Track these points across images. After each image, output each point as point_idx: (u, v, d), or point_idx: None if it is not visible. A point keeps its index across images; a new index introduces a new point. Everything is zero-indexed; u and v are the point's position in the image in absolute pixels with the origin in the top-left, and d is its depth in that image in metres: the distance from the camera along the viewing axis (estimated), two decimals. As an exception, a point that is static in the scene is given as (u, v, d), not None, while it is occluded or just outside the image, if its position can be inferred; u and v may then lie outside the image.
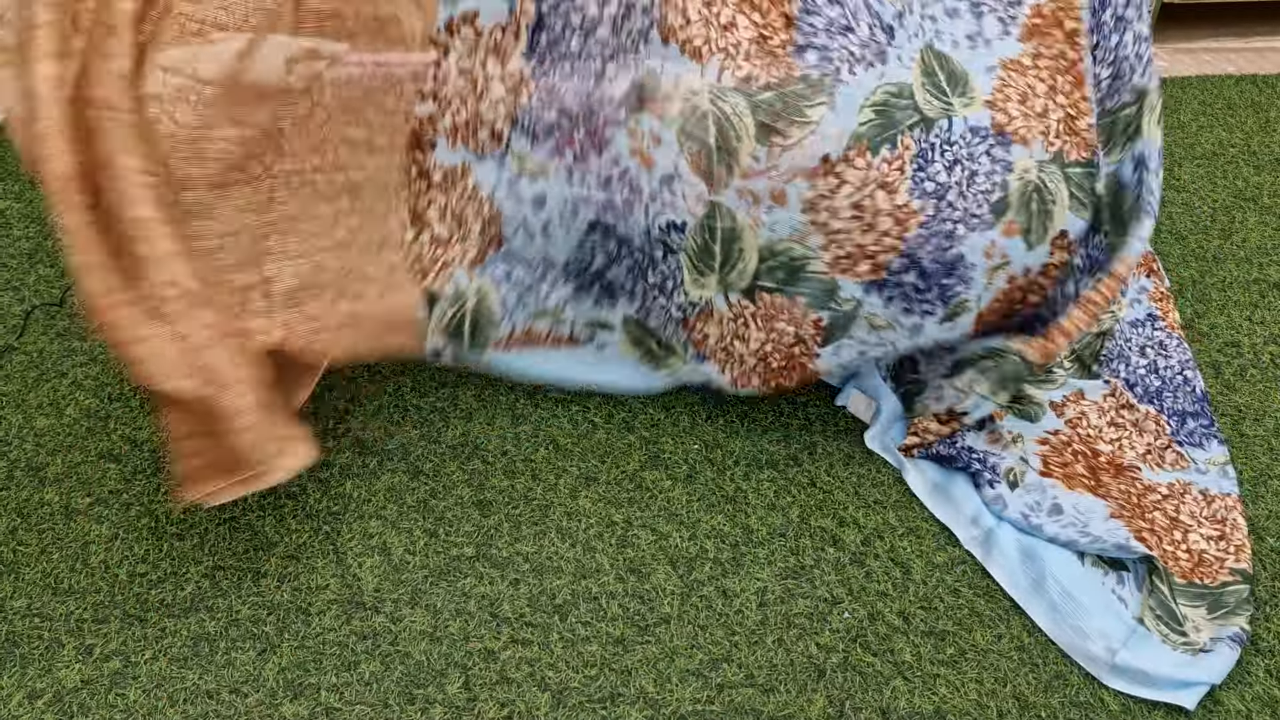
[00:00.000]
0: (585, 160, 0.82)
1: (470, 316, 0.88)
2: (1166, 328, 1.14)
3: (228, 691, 0.78)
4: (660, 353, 0.94)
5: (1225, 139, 1.69)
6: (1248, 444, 1.01)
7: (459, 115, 0.81)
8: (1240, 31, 2.27)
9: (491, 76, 0.80)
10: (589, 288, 0.91)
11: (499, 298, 0.87)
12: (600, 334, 0.93)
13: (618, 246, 0.87)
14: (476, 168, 0.83)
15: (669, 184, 0.82)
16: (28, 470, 0.99)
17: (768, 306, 0.86)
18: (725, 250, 0.83)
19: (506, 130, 0.82)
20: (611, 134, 0.81)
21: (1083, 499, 0.90)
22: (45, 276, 1.37)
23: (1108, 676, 0.78)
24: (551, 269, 0.89)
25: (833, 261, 0.83)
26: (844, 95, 0.81)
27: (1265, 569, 0.87)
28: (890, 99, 0.82)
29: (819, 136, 0.80)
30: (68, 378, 1.14)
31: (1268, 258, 1.35)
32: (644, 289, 0.90)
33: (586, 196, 0.84)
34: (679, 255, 0.85)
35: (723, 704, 0.77)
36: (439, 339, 0.88)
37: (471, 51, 0.80)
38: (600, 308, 0.92)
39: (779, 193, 0.81)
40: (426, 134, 0.81)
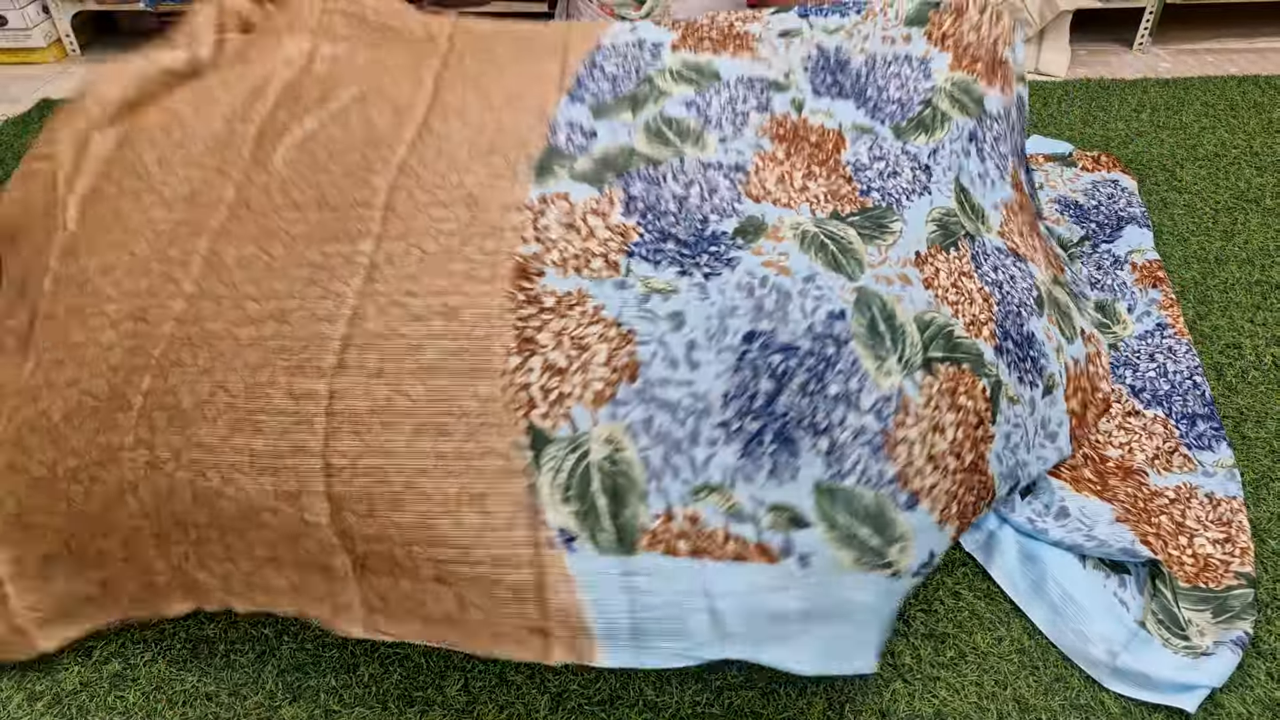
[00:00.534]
0: (719, 275, 0.77)
1: (603, 473, 0.65)
2: (1176, 334, 1.14)
3: (227, 694, 0.78)
4: (878, 544, 0.70)
5: (1228, 140, 1.69)
6: (1249, 446, 1.01)
7: (567, 250, 0.78)
8: (1243, 32, 2.26)
9: (595, 225, 0.80)
10: (760, 442, 0.70)
11: (637, 452, 0.65)
12: (795, 536, 0.67)
13: (783, 358, 0.73)
14: (595, 290, 0.74)
15: (813, 280, 0.80)
16: (28, 472, 0.99)
17: (946, 378, 0.80)
18: (889, 326, 0.79)
19: (623, 261, 0.78)
20: (735, 256, 0.79)
21: (1089, 502, 0.90)
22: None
23: (1109, 680, 0.77)
24: (706, 418, 0.69)
25: (966, 326, 0.87)
26: (910, 214, 0.94)
27: (1267, 571, 0.87)
28: (942, 217, 0.96)
29: (905, 240, 0.91)
30: (68, 379, 1.14)
31: (1270, 259, 1.34)
32: (826, 411, 0.72)
33: (733, 306, 0.75)
34: (850, 344, 0.75)
35: (722, 707, 0.77)
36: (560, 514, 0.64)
37: (569, 212, 0.81)
38: (780, 480, 0.69)
39: (901, 275, 0.85)
40: (533, 266, 0.76)
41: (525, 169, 0.85)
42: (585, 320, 0.72)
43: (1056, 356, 0.96)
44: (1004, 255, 0.99)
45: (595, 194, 0.84)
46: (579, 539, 0.64)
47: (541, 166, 0.86)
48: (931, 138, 1.03)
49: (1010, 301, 0.94)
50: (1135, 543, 0.84)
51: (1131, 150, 1.66)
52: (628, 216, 0.81)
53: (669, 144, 0.93)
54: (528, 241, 0.77)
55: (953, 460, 0.79)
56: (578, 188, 0.84)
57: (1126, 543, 0.84)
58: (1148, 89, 1.92)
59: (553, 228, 0.79)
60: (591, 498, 0.65)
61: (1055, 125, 1.77)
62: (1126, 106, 1.84)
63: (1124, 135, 1.72)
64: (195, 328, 0.73)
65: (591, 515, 0.64)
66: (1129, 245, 1.30)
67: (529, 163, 0.86)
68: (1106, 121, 1.78)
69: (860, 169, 0.97)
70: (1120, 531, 0.86)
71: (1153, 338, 1.14)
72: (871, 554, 0.69)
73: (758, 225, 0.84)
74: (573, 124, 0.93)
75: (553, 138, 0.90)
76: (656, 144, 0.93)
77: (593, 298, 0.74)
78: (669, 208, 0.84)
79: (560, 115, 0.94)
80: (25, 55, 2.15)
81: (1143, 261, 1.26)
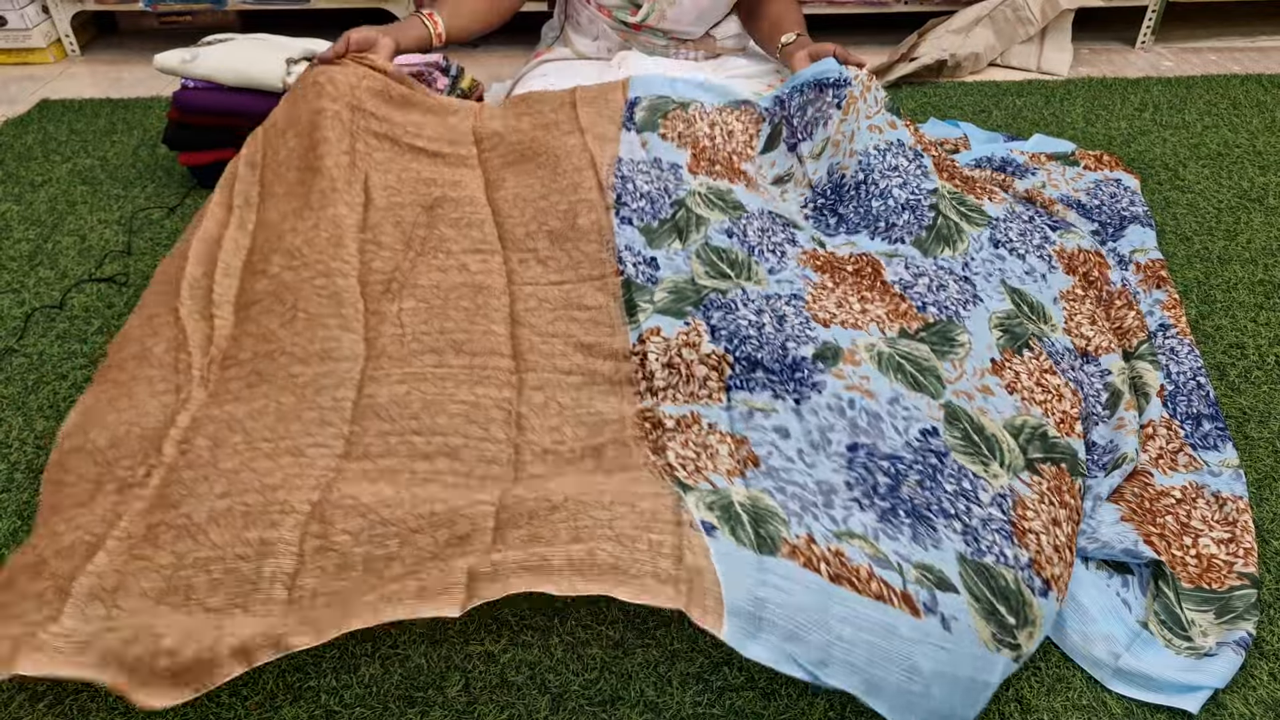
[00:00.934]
0: (808, 399, 0.82)
1: (745, 508, 0.69)
2: (1179, 334, 1.13)
3: (227, 694, 0.78)
4: (1014, 623, 0.70)
5: (1231, 139, 1.69)
6: (1252, 446, 1.01)
7: (674, 387, 0.86)
8: (1246, 31, 2.26)
9: (691, 360, 0.87)
10: (895, 514, 0.72)
11: (777, 502, 0.69)
12: (941, 596, 0.67)
13: (891, 464, 0.76)
14: (705, 413, 0.82)
15: (898, 402, 0.83)
16: (28, 472, 0.99)
17: (1050, 476, 0.82)
18: (982, 438, 0.81)
19: (722, 394, 0.84)
20: (819, 379, 0.84)
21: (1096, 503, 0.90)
22: (45, 279, 1.37)
23: (1111, 680, 0.77)
24: (835, 494, 0.73)
25: (1058, 425, 0.89)
26: (972, 323, 0.96)
27: (1270, 572, 0.86)
28: (1004, 321, 0.98)
29: (977, 351, 0.93)
30: (68, 380, 1.14)
31: (1273, 259, 1.34)
32: (950, 501, 0.75)
33: (830, 424, 0.79)
34: (951, 455, 0.79)
35: (724, 708, 0.76)
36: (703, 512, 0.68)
37: (665, 350, 0.89)
38: (924, 545, 0.70)
39: (982, 387, 0.88)
40: (653, 415, 0.84)
41: (618, 312, 0.95)
42: (703, 433, 0.79)
43: (1135, 436, 0.94)
44: (1074, 356, 1.00)
45: (682, 326, 0.91)
46: (720, 530, 0.66)
47: (629, 305, 0.95)
48: (956, 251, 1.06)
49: (1088, 403, 0.95)
50: (1139, 543, 0.84)
51: (1134, 149, 1.66)
52: (716, 343, 0.88)
53: (726, 276, 0.98)
54: (642, 396, 0.86)
55: (1070, 554, 0.80)
56: (665, 321, 0.92)
57: (1130, 543, 0.84)
58: (1150, 88, 1.91)
59: (657, 373, 0.87)
60: (736, 513, 0.68)
61: (1058, 124, 1.77)
62: (1129, 105, 1.84)
63: (1127, 134, 1.71)
64: (369, 464, 0.80)
65: (735, 520, 0.67)
66: (1132, 245, 1.30)
67: (618, 304, 0.96)
68: (1109, 120, 1.77)
69: (907, 286, 1.00)
70: (1124, 532, 0.86)
71: (1155, 338, 1.13)
72: (1007, 633, 0.70)
73: (834, 350, 0.87)
74: (632, 249, 1.01)
75: (623, 268, 0.99)
76: (714, 277, 0.98)
77: (705, 417, 0.81)
78: (750, 333, 0.88)
79: (620, 241, 1.02)
80: (25, 56, 2.15)
81: (1146, 261, 1.26)
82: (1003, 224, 1.11)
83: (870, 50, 2.17)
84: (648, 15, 1.47)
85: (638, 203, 1.06)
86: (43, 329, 1.23)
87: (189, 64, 1.46)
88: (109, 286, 1.31)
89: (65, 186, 1.59)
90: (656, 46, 1.52)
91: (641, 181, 1.09)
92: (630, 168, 1.13)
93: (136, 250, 1.40)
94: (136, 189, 1.58)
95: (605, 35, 1.55)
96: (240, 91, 1.46)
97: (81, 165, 1.66)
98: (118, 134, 1.78)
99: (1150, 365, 1.04)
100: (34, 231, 1.46)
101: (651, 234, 1.04)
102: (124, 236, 1.44)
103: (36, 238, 1.44)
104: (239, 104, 1.46)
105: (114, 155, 1.70)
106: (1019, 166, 1.52)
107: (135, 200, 1.54)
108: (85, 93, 1.99)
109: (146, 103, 1.92)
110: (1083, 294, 1.08)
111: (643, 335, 0.90)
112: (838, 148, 1.18)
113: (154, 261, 1.37)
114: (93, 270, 1.35)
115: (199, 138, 1.51)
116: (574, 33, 1.60)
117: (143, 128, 1.80)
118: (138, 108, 1.89)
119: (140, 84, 2.04)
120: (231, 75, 1.45)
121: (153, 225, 1.47)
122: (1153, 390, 1.01)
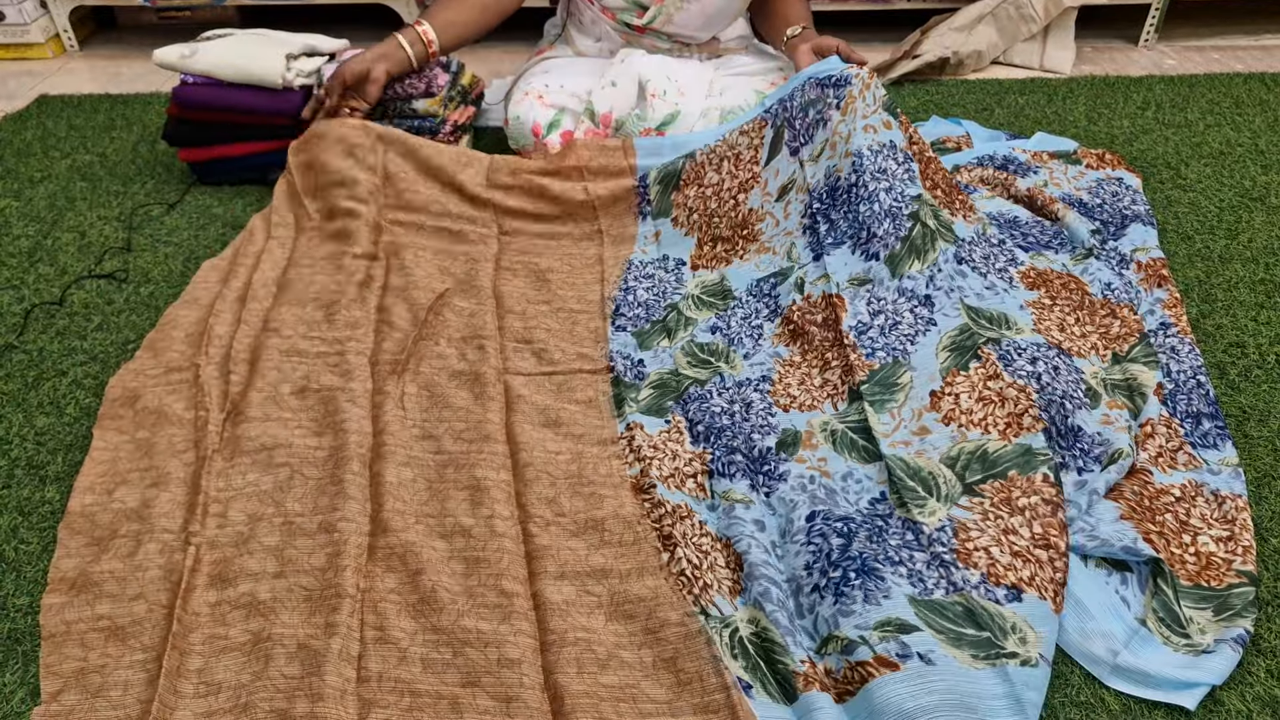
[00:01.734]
0: (776, 490, 0.91)
1: (754, 645, 0.76)
2: (1179, 333, 1.13)
3: (227, 690, 0.78)
4: (987, 636, 0.75)
5: (1233, 138, 1.68)
6: (1252, 445, 1.01)
7: (663, 469, 0.93)
8: (1250, 29, 2.25)
9: (676, 450, 0.96)
10: (847, 581, 0.79)
11: (769, 618, 0.76)
12: (907, 639, 0.73)
13: (844, 524, 0.86)
14: (696, 508, 0.89)
15: (851, 476, 0.93)
16: (28, 468, 0.99)
17: (993, 492, 0.87)
18: (919, 482, 0.89)
19: (707, 483, 0.93)
20: (784, 469, 0.94)
21: (1096, 501, 0.90)
22: (45, 275, 1.37)
23: (1109, 677, 0.77)
24: (800, 594, 0.80)
25: (1002, 432, 0.93)
26: (918, 357, 1.02)
27: (1268, 570, 0.86)
28: (956, 340, 1.03)
29: (918, 388, 0.99)
30: (68, 377, 1.14)
31: (1274, 258, 1.34)
32: (895, 550, 0.82)
33: (794, 503, 0.89)
34: (895, 513, 0.87)
35: (722, 705, 0.76)
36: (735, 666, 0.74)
37: (649, 441, 0.97)
38: (877, 602, 0.77)
39: (919, 429, 0.95)
40: (643, 482, 0.92)
41: (607, 405, 1.03)
42: (696, 533, 0.86)
43: (1128, 433, 0.95)
44: (1044, 349, 1.01)
45: (663, 425, 1.00)
46: (755, 689, 0.74)
47: (617, 399, 1.04)
48: (925, 263, 1.11)
49: (1052, 392, 0.96)
50: (1138, 541, 0.84)
51: (1136, 148, 1.65)
52: (695, 444, 0.97)
53: (707, 365, 1.08)
54: (630, 465, 0.94)
55: (1043, 552, 0.82)
56: (648, 420, 1.00)
57: (1129, 541, 0.84)
58: (1153, 86, 1.91)
59: (643, 449, 0.95)
60: (754, 658, 0.76)
61: (1060, 122, 1.77)
62: (1132, 104, 1.83)
63: (1129, 133, 1.71)
64: (393, 537, 0.85)
65: (759, 670, 0.75)
66: (1133, 244, 1.30)
67: (607, 400, 1.04)
68: (1111, 119, 1.77)
69: (863, 331, 1.06)
70: (1123, 529, 0.86)
71: (1156, 337, 1.13)
72: (985, 646, 0.74)
73: (794, 436, 0.97)
74: (623, 354, 1.10)
75: (614, 367, 1.08)
76: (696, 367, 1.08)
77: (696, 513, 0.88)
78: (725, 423, 0.98)
79: (613, 346, 1.12)
80: (23, 51, 2.15)
81: (1147, 260, 1.26)
82: (967, 245, 1.16)
83: (873, 47, 2.16)
84: (653, 19, 1.46)
85: (634, 311, 1.19)
86: (42, 325, 1.23)
87: (188, 59, 1.46)
88: (109, 283, 1.31)
89: (64, 182, 1.59)
90: (660, 48, 1.51)
91: (642, 291, 1.22)
92: (637, 272, 1.25)
93: (136, 247, 1.40)
94: (136, 185, 1.58)
95: (608, 36, 1.55)
96: (240, 87, 1.46)
97: (81, 161, 1.66)
98: (117, 130, 1.78)
99: (1145, 366, 1.04)
100: (33, 228, 1.46)
101: (642, 336, 1.15)
102: (124, 233, 1.44)
103: (36, 234, 1.44)
104: (239, 100, 1.46)
105: (113, 151, 1.70)
106: (1021, 165, 1.51)
107: (135, 196, 1.54)
108: (84, 88, 1.99)
109: (146, 98, 1.91)
110: (1050, 303, 1.12)
111: (629, 426, 0.99)
112: (834, 149, 1.21)
113: (154, 258, 1.37)
114: (92, 267, 1.35)
115: (199, 133, 1.51)
116: (576, 31, 1.60)
117: (142, 123, 1.80)
118: (137, 103, 1.89)
119: (139, 79, 2.04)
120: (231, 71, 1.45)
121: (152, 222, 1.47)
122: (1149, 389, 1.01)
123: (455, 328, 1.11)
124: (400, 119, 1.50)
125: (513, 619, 0.77)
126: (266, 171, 1.54)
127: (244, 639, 0.78)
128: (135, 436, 0.99)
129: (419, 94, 1.47)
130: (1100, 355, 1.06)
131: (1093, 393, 1.00)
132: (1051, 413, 0.95)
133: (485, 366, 1.04)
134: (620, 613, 0.80)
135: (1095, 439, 0.95)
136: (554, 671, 0.74)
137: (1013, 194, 1.42)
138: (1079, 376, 1.00)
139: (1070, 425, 0.95)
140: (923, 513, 0.86)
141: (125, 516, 0.89)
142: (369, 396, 1.00)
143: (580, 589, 0.81)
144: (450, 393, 1.02)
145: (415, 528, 0.86)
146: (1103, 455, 0.93)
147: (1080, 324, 1.10)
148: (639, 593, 0.80)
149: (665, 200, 1.32)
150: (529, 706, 0.71)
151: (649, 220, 1.32)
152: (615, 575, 0.83)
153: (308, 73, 1.49)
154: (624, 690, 0.73)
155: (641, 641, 0.77)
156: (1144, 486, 0.93)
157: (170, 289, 1.29)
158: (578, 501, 0.90)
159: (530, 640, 0.76)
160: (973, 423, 0.94)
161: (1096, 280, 1.19)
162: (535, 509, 0.88)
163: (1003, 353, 1.00)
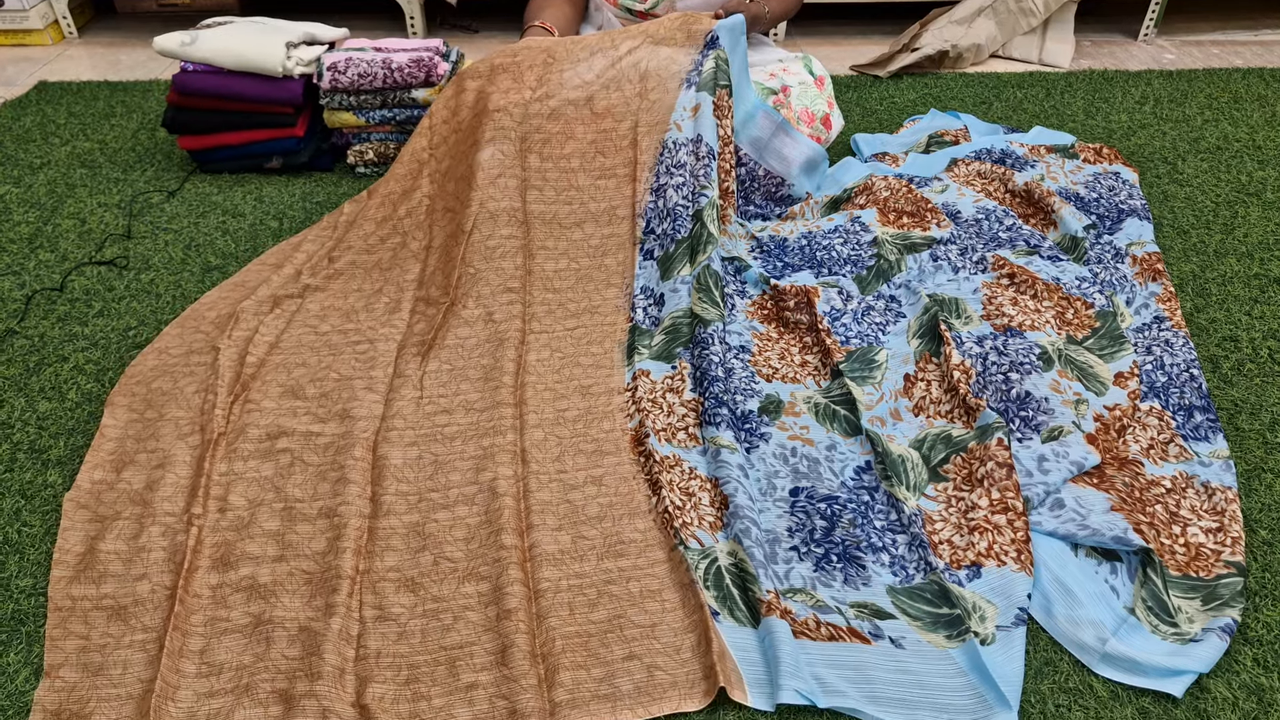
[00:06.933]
0: (757, 448, 0.97)
1: (730, 574, 0.82)
2: (1174, 327, 1.14)
3: (229, 672, 0.79)
4: (959, 613, 0.79)
5: (1230, 133, 1.69)
6: (1243, 438, 1.02)
7: (657, 423, 0.99)
8: (1249, 24, 2.25)
9: (673, 403, 1.02)
10: (828, 560, 0.85)
11: (746, 551, 0.82)
12: (881, 624, 0.80)
13: (828, 505, 0.90)
14: (685, 456, 0.95)
15: (835, 448, 0.97)
16: (31, 452, 1.00)
17: (956, 468, 0.93)
18: (891, 467, 0.93)
19: (698, 432, 0.98)
20: (766, 430, 0.99)
21: (1085, 492, 0.91)
22: (45, 262, 1.38)
23: (1098, 665, 0.78)
24: (779, 544, 0.86)
25: (965, 424, 0.98)
26: (891, 343, 1.09)
27: (1256, 560, 0.88)
28: (921, 320, 1.11)
29: (893, 369, 1.05)
30: (69, 362, 1.15)
31: (1269, 253, 1.34)
32: (879, 535, 0.87)
33: (775, 470, 0.94)
34: (882, 486, 0.92)
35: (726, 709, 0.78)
36: (708, 595, 0.81)
37: (652, 390, 1.03)
38: (855, 587, 0.83)
39: (893, 411, 1.01)
40: (640, 433, 0.98)
41: (619, 356, 1.08)
42: (686, 476, 0.92)
43: (1074, 409, 1.00)
44: (994, 338, 1.08)
45: (669, 370, 1.05)
46: (722, 614, 0.80)
47: (630, 348, 1.09)
48: (891, 282, 1.19)
49: (997, 370, 1.03)
50: (1128, 531, 0.85)
51: (1134, 143, 1.66)
52: (694, 390, 1.03)
53: (716, 304, 1.10)
54: (631, 417, 1.00)
55: (1001, 516, 0.88)
56: (655, 365, 1.06)
57: (1119, 531, 0.85)
58: (1151, 81, 1.91)
59: (644, 402, 1.01)
60: (727, 588, 0.82)
61: (1058, 116, 1.77)
62: (1130, 98, 1.83)
63: (1127, 127, 1.71)
64: (395, 519, 0.87)
65: (729, 599, 0.81)
66: (1129, 238, 1.30)
67: (620, 349, 1.09)
68: (1109, 113, 1.77)
69: (836, 317, 1.13)
70: (1114, 520, 0.87)
71: (1150, 330, 1.14)
72: (956, 624, 0.80)
73: (776, 403, 1.02)
74: (646, 291, 1.15)
75: (633, 314, 1.12)
76: (705, 304, 1.10)
77: (686, 461, 0.95)
78: (718, 374, 1.02)
79: (638, 283, 1.16)
80: (22, 37, 2.14)
81: (1142, 254, 1.27)
82: (943, 246, 1.22)
83: (872, 40, 2.16)
84: (656, 4, 1.46)
85: (662, 225, 1.19)
86: (43, 311, 1.23)
87: (188, 47, 1.46)
88: (109, 270, 1.31)
89: (64, 169, 1.59)
90: None
91: (671, 190, 1.20)
92: (669, 159, 1.23)
93: (136, 234, 1.40)
94: (136, 172, 1.58)
95: (609, 24, 1.55)
96: (240, 75, 1.46)
97: (80, 148, 1.66)
98: (117, 117, 1.77)
99: (1100, 358, 1.08)
100: (34, 214, 1.46)
101: (668, 262, 1.17)
102: (124, 220, 1.44)
103: (36, 220, 1.44)
104: (239, 88, 1.46)
105: (113, 138, 1.69)
106: (1018, 159, 1.52)
107: (135, 184, 1.54)
108: (83, 75, 1.98)
109: (145, 86, 1.91)
110: (1007, 285, 1.18)
111: (635, 374, 1.04)
112: (778, 230, 1.31)
113: (154, 245, 1.37)
114: (92, 253, 1.35)
115: (198, 121, 1.51)
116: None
117: (142, 111, 1.80)
118: (136, 91, 1.88)
119: (139, 66, 2.03)
120: (231, 59, 1.45)
121: (152, 209, 1.47)
122: (1106, 379, 1.05)
123: (484, 279, 1.13)
124: (400, 108, 1.49)
125: (510, 569, 0.82)
126: (265, 159, 1.54)
127: (245, 621, 0.79)
128: (144, 416, 1.00)
129: (418, 83, 1.47)
130: (1057, 330, 1.11)
131: (1046, 357, 1.06)
132: (992, 390, 1.01)
133: (508, 327, 1.08)
134: (612, 552, 0.85)
135: (1042, 404, 0.99)
136: (547, 616, 0.79)
137: (1010, 188, 1.42)
138: (1030, 344, 1.06)
139: (1017, 394, 1.00)
140: (901, 490, 0.91)
141: (130, 499, 0.90)
142: (388, 381, 1.03)
143: (576, 536, 0.87)
144: (470, 365, 1.05)
145: (419, 506, 0.90)
146: (1042, 427, 0.97)
147: (1037, 299, 1.15)
148: (630, 535, 0.87)
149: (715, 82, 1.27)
150: (521, 650, 0.75)
151: (692, 90, 1.27)
152: (609, 519, 0.89)
153: (307, 61, 1.49)
154: (612, 622, 0.79)
155: (630, 575, 0.83)
156: (1135, 478, 0.94)
157: (170, 276, 1.29)
158: (580, 459, 0.95)
159: (525, 589, 0.81)
160: (940, 414, 1.00)
161: (1044, 272, 1.21)
162: (539, 465, 0.93)
163: (955, 334, 1.09)
